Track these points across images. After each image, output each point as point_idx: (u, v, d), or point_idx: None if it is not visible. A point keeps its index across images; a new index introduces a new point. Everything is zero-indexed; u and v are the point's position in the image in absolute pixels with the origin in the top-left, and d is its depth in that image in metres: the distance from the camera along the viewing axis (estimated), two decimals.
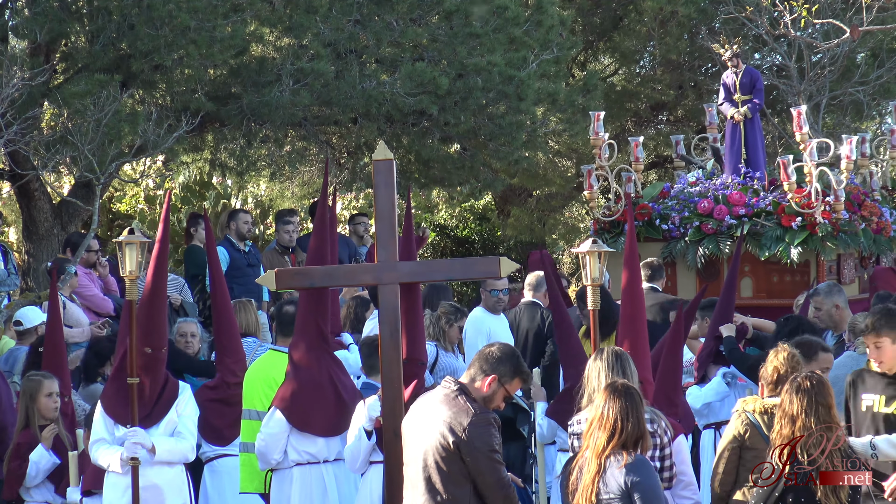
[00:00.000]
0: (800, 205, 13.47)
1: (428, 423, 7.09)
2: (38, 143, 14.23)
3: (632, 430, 6.95)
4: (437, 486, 6.99)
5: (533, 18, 16.21)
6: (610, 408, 7.00)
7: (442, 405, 7.09)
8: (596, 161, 14.34)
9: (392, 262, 7.87)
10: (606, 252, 8.55)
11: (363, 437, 8.62)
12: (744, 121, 14.23)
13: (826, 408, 7.38)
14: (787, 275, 13.60)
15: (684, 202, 14.12)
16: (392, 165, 7.90)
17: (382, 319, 7.78)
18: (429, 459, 7.03)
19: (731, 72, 14.46)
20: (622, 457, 6.89)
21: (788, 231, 13.54)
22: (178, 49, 14.29)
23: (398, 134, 16.15)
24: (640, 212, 14.07)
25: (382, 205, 7.82)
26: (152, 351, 8.67)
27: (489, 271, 8.11)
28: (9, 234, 22.27)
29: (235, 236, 14.87)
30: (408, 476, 7.18)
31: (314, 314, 9.02)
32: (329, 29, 15.21)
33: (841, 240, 13.52)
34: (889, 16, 18.69)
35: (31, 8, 14.51)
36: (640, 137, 14.82)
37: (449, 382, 7.20)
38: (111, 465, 8.64)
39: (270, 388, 9.49)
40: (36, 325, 12.07)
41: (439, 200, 25.38)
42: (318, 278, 8.27)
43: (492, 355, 7.19)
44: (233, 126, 15.95)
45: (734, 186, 14.03)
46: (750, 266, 13.85)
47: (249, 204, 23.42)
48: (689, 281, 14.03)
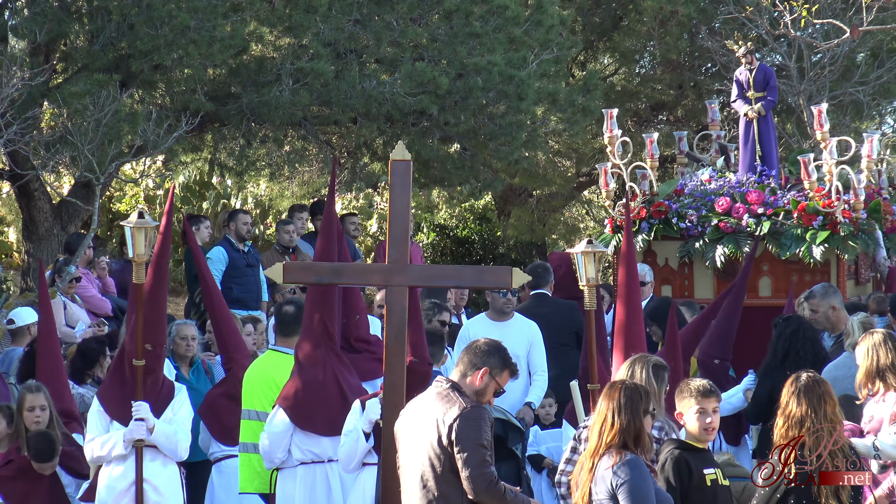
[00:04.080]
0: (820, 203, 13.39)
1: (421, 422, 7.05)
2: (38, 143, 14.22)
3: (626, 426, 6.81)
4: (430, 484, 6.94)
5: (533, 18, 16.19)
6: (605, 405, 6.94)
7: (435, 402, 7.06)
8: (610, 159, 14.26)
9: (403, 264, 7.77)
10: (604, 253, 8.50)
11: (361, 439, 8.58)
12: (757, 118, 14.15)
13: (831, 407, 7.37)
14: (807, 274, 13.48)
15: (701, 199, 13.99)
16: (409, 166, 7.81)
17: (389, 321, 7.73)
18: (422, 458, 6.99)
19: (745, 68, 14.33)
20: (613, 457, 6.82)
21: (809, 230, 13.44)
22: (177, 49, 14.28)
23: (398, 134, 16.13)
24: (656, 210, 13.92)
25: (397, 205, 7.72)
26: (152, 348, 8.70)
27: (500, 282, 7.98)
28: (9, 234, 22.27)
29: (235, 237, 14.86)
30: (403, 477, 7.15)
31: (321, 313, 9.02)
32: (329, 29, 15.19)
33: (861, 239, 13.45)
34: (889, 16, 18.67)
35: (30, 8, 14.50)
36: (654, 134, 14.68)
37: (441, 381, 7.17)
38: (115, 447, 8.64)
39: (270, 388, 9.48)
40: (28, 325, 12.04)
41: (439, 200, 25.35)
42: (326, 274, 8.22)
43: (479, 349, 7.17)
44: (232, 126, 15.94)
45: (750, 184, 13.92)
46: (769, 265, 13.73)
47: (249, 204, 23.41)
48: (706, 280, 13.83)
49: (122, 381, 8.79)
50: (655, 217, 13.88)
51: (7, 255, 21.58)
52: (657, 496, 6.88)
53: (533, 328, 11.51)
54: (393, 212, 7.50)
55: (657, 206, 13.89)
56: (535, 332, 11.46)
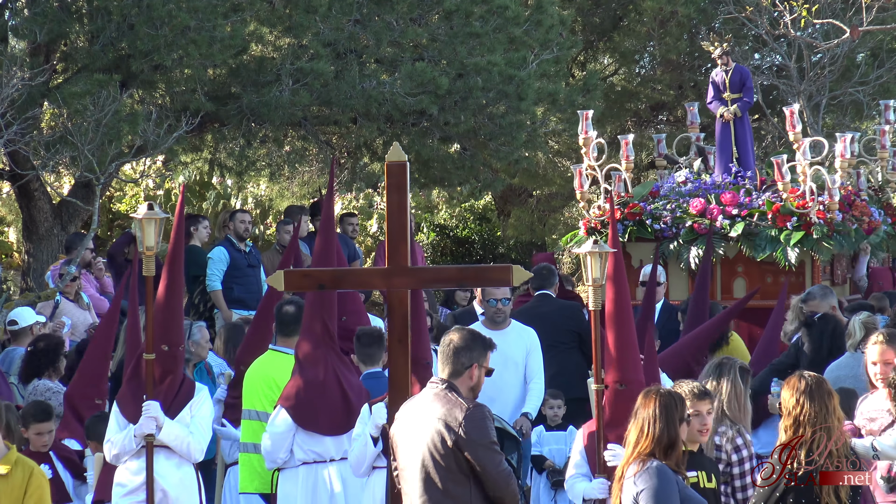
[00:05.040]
0: (794, 204, 13.35)
1: (421, 423, 7.03)
2: (38, 143, 14.22)
3: (660, 436, 6.85)
4: (437, 484, 6.94)
5: (533, 18, 16.19)
6: (639, 414, 6.95)
7: (434, 403, 7.04)
8: (585, 161, 14.25)
9: (403, 266, 7.65)
10: (608, 253, 8.48)
11: (369, 444, 8.57)
12: (734, 119, 14.13)
13: (834, 407, 7.36)
14: (781, 276, 13.42)
15: (676, 202, 13.93)
16: (405, 168, 7.67)
17: (391, 325, 7.69)
18: (426, 459, 6.98)
19: (721, 70, 14.36)
20: (636, 466, 6.83)
21: (784, 231, 13.38)
22: (177, 49, 14.28)
23: (398, 134, 16.13)
24: (630, 211, 13.87)
25: (394, 208, 7.61)
26: (169, 349, 8.66)
27: (501, 279, 7.89)
28: (9, 235, 22.27)
29: (234, 236, 14.87)
30: (404, 480, 7.13)
31: (321, 312, 9.02)
32: (329, 29, 15.19)
33: (836, 240, 13.37)
34: (889, 16, 18.68)
35: (30, 8, 14.50)
36: (630, 136, 14.64)
37: (436, 381, 7.15)
38: (126, 443, 8.63)
39: (270, 388, 9.48)
40: (30, 325, 12.06)
41: (439, 200, 25.36)
42: (328, 281, 8.16)
43: (459, 347, 7.13)
44: (232, 126, 15.94)
45: (726, 186, 13.89)
46: (743, 267, 13.68)
47: (249, 204, 23.41)
48: (681, 282, 13.78)
49: (138, 383, 8.75)
50: (630, 219, 13.83)
51: (7, 255, 21.58)
52: (689, 502, 6.90)
53: (531, 335, 11.26)
54: (390, 214, 7.42)
55: (631, 207, 13.86)
56: (533, 338, 11.23)
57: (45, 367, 10.85)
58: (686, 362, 10.28)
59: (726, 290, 13.17)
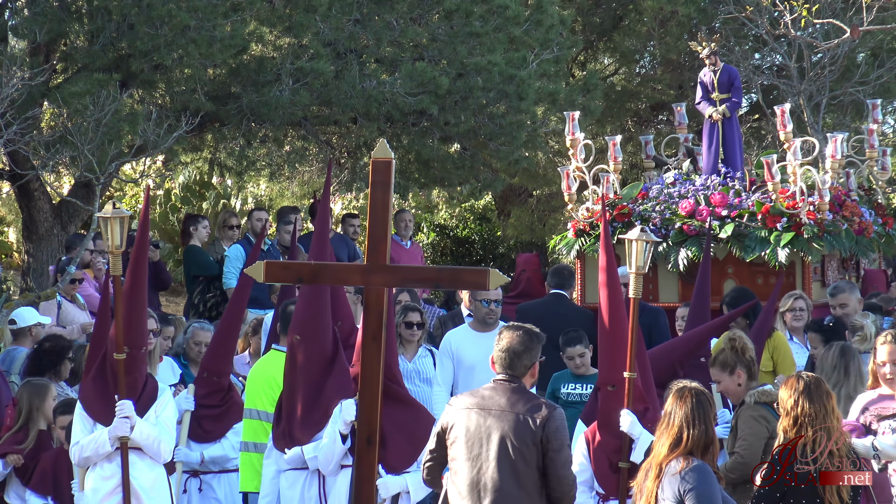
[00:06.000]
0: (784, 205, 13.31)
1: (497, 413, 7.23)
2: (38, 143, 14.21)
3: (698, 437, 6.90)
4: (513, 477, 7.14)
5: (533, 18, 16.18)
6: (675, 413, 6.96)
7: (511, 397, 7.27)
8: (573, 162, 14.23)
9: (381, 264, 7.53)
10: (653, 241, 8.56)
11: (337, 440, 8.58)
12: (722, 120, 14.09)
13: (832, 407, 7.37)
14: (771, 276, 13.38)
15: (665, 203, 13.88)
16: (391, 166, 7.66)
17: (366, 322, 7.68)
18: (509, 448, 7.17)
19: (709, 70, 14.32)
20: (681, 463, 6.85)
21: (774, 232, 13.32)
22: (177, 49, 14.28)
23: (398, 134, 16.13)
24: (619, 213, 13.83)
25: (377, 205, 7.55)
26: (131, 350, 8.65)
27: (476, 283, 7.80)
28: (9, 235, 22.27)
29: (251, 234, 15.01)
30: (459, 472, 7.24)
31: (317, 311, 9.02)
32: (329, 28, 15.19)
33: (827, 241, 13.32)
34: (889, 16, 18.66)
35: (30, 8, 14.49)
36: (618, 137, 14.61)
37: (503, 377, 7.38)
38: (101, 446, 8.60)
39: (271, 387, 9.49)
40: (30, 326, 12.05)
41: (439, 200, 25.36)
42: (307, 275, 8.14)
43: (517, 352, 7.39)
44: (232, 126, 15.93)
45: (715, 187, 13.84)
46: (733, 268, 13.64)
47: (249, 204, 23.41)
48: (671, 284, 13.76)
49: (103, 382, 8.74)
50: (618, 220, 13.80)
51: (7, 255, 21.58)
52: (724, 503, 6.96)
53: None
54: (373, 211, 7.38)
55: (620, 209, 13.82)
56: None
57: (47, 368, 10.84)
58: (672, 365, 10.28)
59: (716, 291, 13.11)
